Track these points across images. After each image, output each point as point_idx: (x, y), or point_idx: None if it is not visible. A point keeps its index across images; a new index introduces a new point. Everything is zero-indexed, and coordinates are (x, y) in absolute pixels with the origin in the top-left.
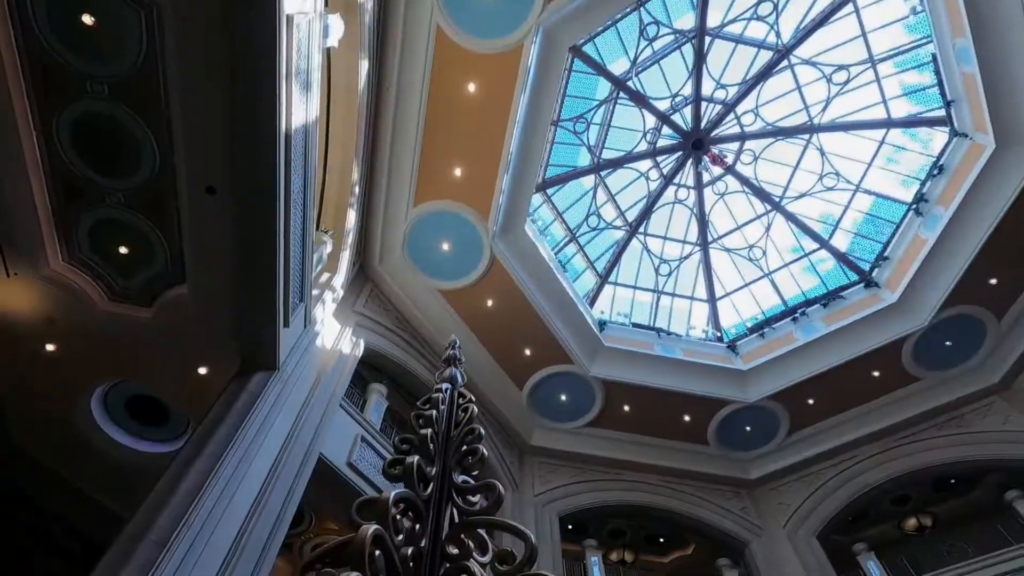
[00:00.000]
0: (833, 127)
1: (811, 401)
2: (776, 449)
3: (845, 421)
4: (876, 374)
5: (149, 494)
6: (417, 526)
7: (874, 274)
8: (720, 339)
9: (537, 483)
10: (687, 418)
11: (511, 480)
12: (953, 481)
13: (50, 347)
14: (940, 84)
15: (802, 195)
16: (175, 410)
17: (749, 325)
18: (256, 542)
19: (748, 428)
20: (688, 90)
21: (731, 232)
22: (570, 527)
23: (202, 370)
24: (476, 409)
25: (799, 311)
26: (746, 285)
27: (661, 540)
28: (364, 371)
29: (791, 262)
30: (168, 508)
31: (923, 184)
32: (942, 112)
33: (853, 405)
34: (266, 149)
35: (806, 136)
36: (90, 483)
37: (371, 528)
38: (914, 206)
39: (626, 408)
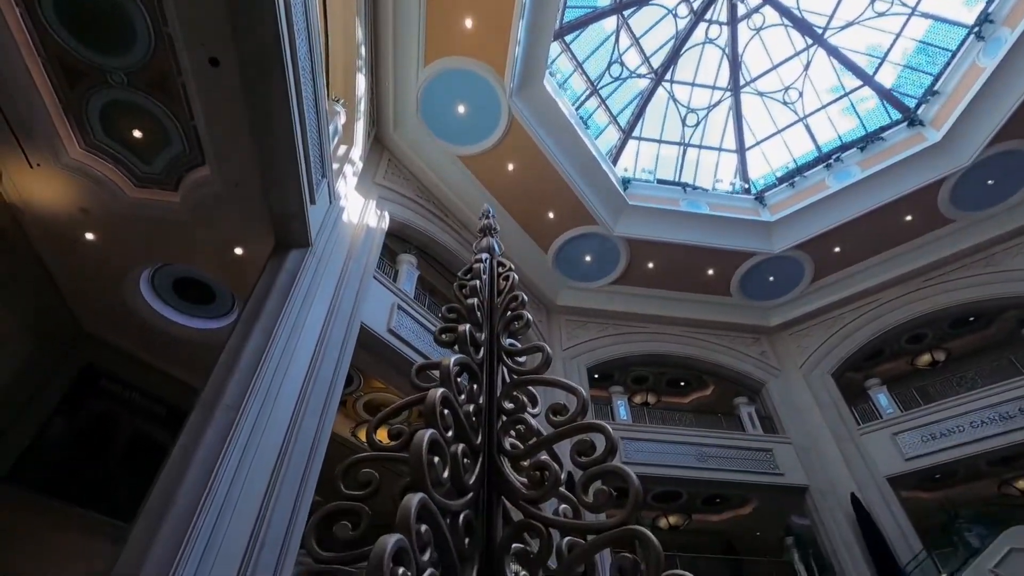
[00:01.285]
0: None
1: (837, 249)
2: (798, 297)
3: (870, 267)
4: (908, 218)
5: (214, 366)
6: (474, 386)
7: (919, 111)
8: (748, 191)
9: (565, 338)
10: (711, 272)
11: (540, 338)
12: (972, 319)
13: (90, 236)
14: None
15: (849, 24)
16: (219, 290)
17: (779, 175)
18: (316, 402)
19: (771, 278)
20: None
21: (765, 73)
22: (596, 376)
23: (238, 251)
24: (516, 277)
25: (833, 156)
26: (779, 132)
27: (682, 384)
28: (392, 243)
29: (829, 103)
30: (235, 377)
31: (990, 1)
32: None
33: (880, 251)
34: (265, 11)
35: None
36: (158, 358)
37: (439, 390)
38: (976, 29)
39: (650, 265)
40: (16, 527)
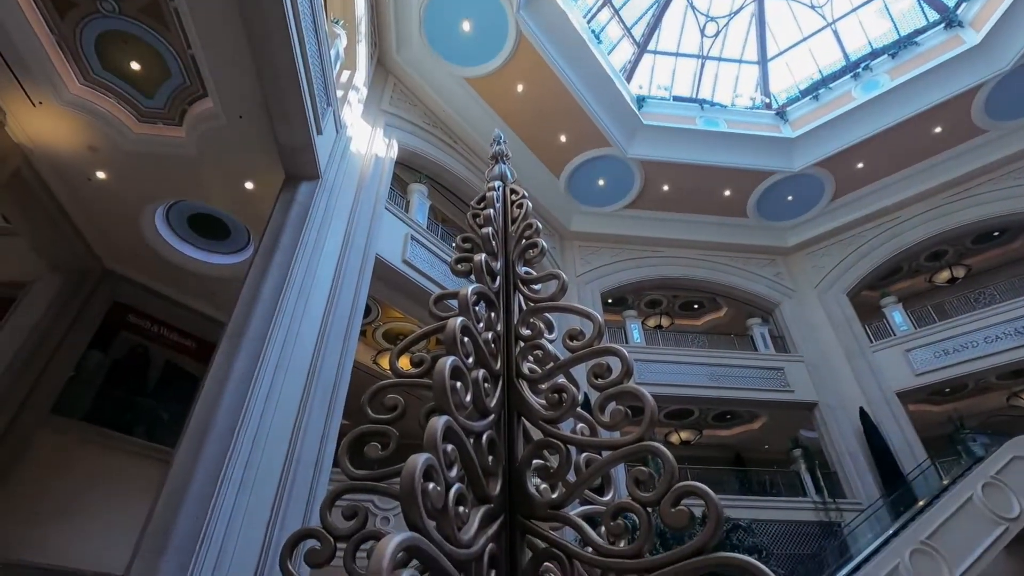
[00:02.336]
0: None
1: (860, 165)
2: (817, 216)
3: (894, 182)
4: (937, 130)
5: (236, 299)
6: (492, 315)
7: (959, 11)
8: (769, 106)
9: (579, 265)
10: (727, 193)
11: (553, 265)
12: (997, 234)
13: (101, 175)
14: None
15: None
16: (233, 225)
17: (802, 88)
18: (337, 331)
19: (790, 198)
20: None
21: None
22: (610, 301)
23: (249, 185)
24: (530, 205)
25: (862, 65)
26: (805, 39)
27: (695, 306)
28: (401, 172)
29: (860, 5)
30: (257, 309)
31: None
32: None
33: (906, 165)
34: None
35: None
36: (182, 293)
37: (459, 319)
38: None
39: (665, 188)
40: (69, 452)
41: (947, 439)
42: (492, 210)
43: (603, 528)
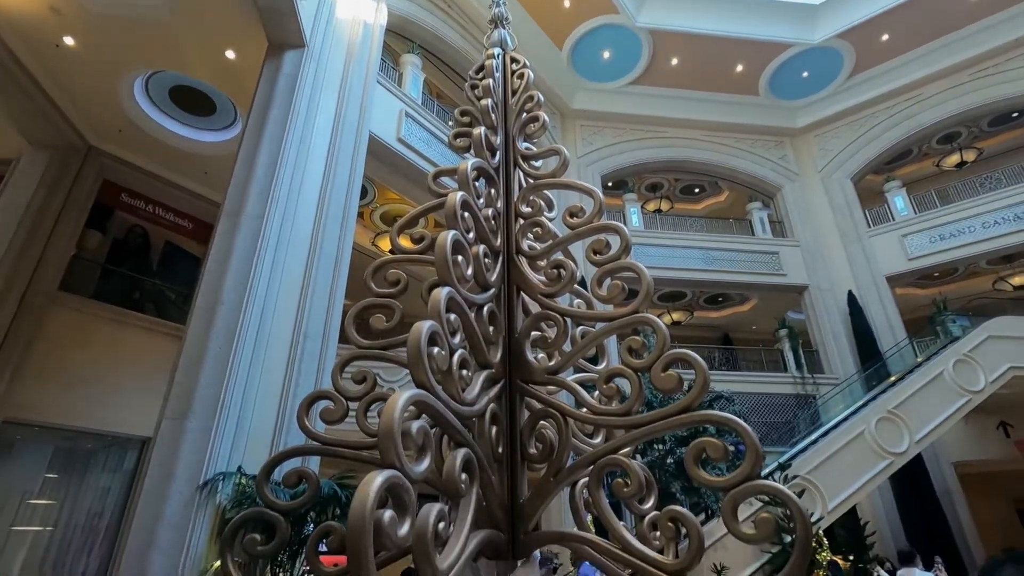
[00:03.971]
0: None
1: (885, 37)
2: (832, 94)
3: (917, 57)
4: None
5: (230, 178)
6: (491, 191)
7: None
8: None
9: (580, 145)
10: (740, 68)
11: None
12: (1015, 115)
13: (69, 40)
14: None
15: None
16: (218, 99)
17: None
18: (335, 209)
19: (805, 74)
20: None
21: None
22: (610, 184)
23: (230, 54)
24: (532, 75)
25: None
26: None
27: (696, 191)
28: (393, 42)
29: None
30: (253, 187)
31: None
32: None
33: (933, 38)
34: None
35: None
36: (173, 172)
37: (459, 194)
38: None
39: (674, 61)
40: (85, 328)
41: (928, 320)
42: (491, 80)
43: (596, 392)
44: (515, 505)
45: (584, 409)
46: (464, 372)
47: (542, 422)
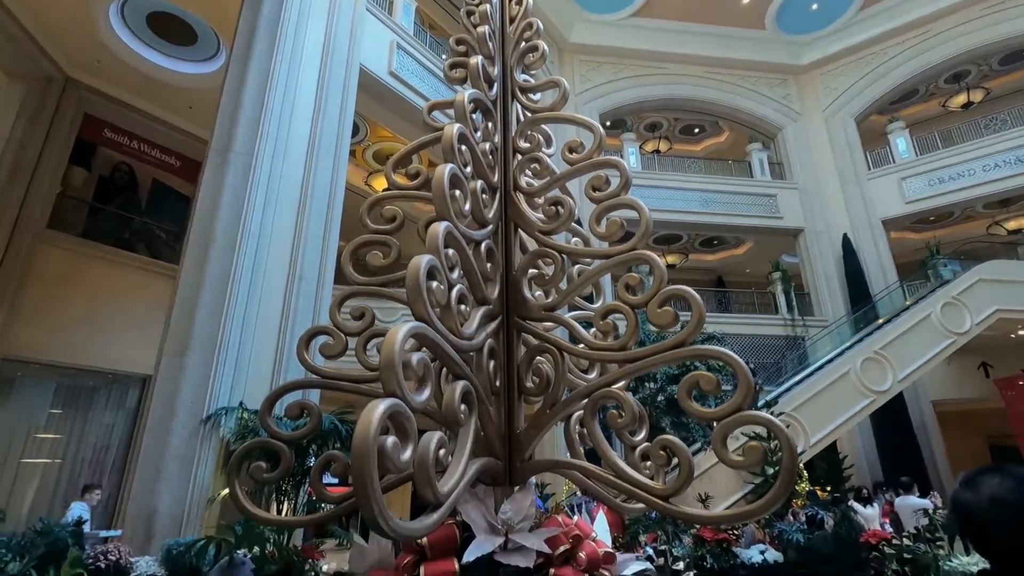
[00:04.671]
0: None
1: None
2: (841, 28)
3: None
4: None
5: (216, 112)
6: (489, 124)
7: None
8: None
9: (577, 82)
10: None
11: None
12: None
13: None
14: None
15: None
16: (198, 27)
17: None
18: (327, 146)
19: (815, 6)
20: None
21: None
22: (608, 124)
23: None
24: (531, 1)
25: None
26: None
27: (696, 131)
28: None
29: None
30: (241, 121)
31: None
32: None
33: None
34: None
35: None
36: (157, 106)
37: (456, 126)
38: None
39: None
40: (76, 267)
41: (920, 264)
42: (489, 5)
43: (592, 329)
44: (512, 435)
45: (581, 345)
46: (462, 307)
47: (539, 357)
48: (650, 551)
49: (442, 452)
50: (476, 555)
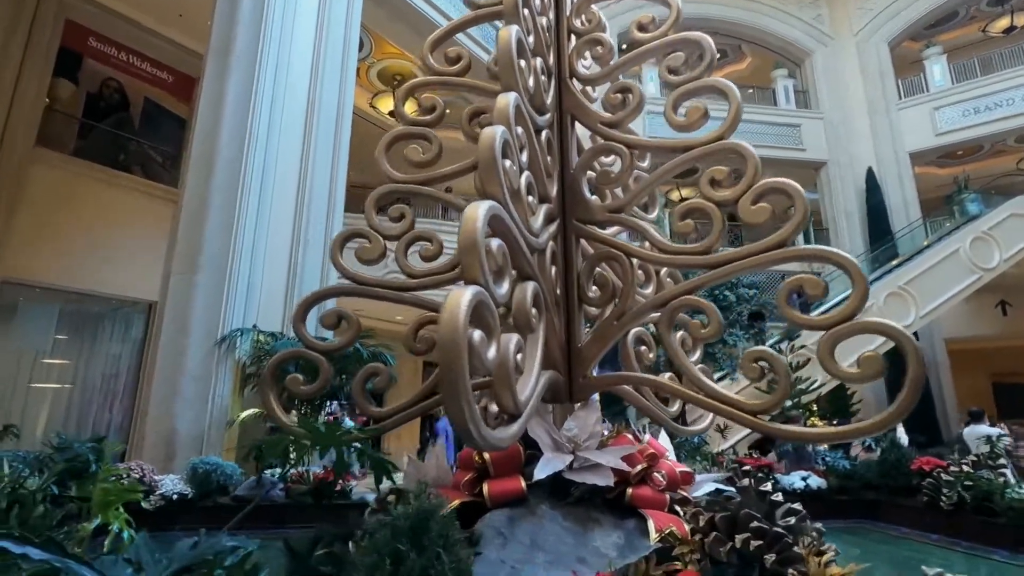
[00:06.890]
0: None
1: None
2: None
3: None
4: None
5: (212, 15)
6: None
7: None
8: None
9: None
10: None
11: None
12: None
13: None
14: None
15: None
16: None
17: None
18: (333, 53)
19: None
20: None
21: None
22: (624, 47)
23: None
24: None
25: None
26: None
27: (717, 56)
28: None
29: None
30: (241, 19)
31: None
32: None
33: None
34: None
35: None
36: (144, 13)
37: None
38: None
39: None
40: (72, 189)
41: (944, 200)
42: None
43: (666, 231)
44: (572, 349)
45: (654, 249)
46: (531, 198)
47: (601, 264)
48: None
49: (520, 356)
50: (547, 472)
